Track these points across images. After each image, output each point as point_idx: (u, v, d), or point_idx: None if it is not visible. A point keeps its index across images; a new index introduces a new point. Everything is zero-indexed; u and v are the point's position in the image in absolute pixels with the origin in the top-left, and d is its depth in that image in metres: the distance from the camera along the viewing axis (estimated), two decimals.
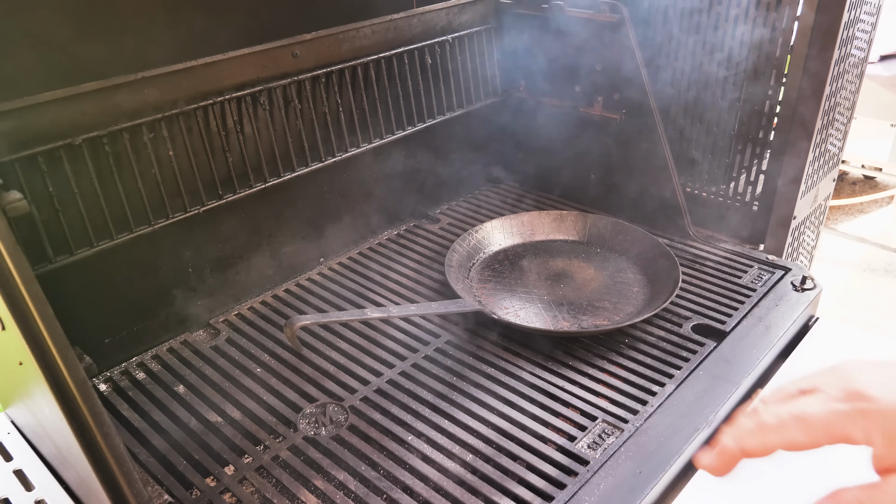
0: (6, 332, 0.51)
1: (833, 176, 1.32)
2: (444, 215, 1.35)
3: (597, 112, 1.25)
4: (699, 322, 1.00)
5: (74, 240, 0.85)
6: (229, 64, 0.95)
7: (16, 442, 0.85)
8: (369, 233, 1.27)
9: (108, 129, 0.85)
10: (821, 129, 1.14)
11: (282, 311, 1.07)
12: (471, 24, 1.28)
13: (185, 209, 0.96)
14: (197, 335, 1.03)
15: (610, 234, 1.19)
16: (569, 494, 0.74)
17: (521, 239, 1.22)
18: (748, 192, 1.22)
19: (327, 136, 1.11)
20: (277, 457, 0.81)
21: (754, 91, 1.15)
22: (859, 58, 1.20)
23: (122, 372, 0.95)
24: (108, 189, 0.87)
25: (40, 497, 0.77)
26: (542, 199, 1.39)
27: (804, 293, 1.05)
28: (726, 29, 1.15)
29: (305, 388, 0.91)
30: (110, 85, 0.84)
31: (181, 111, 0.92)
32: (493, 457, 0.79)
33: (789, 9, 1.07)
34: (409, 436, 0.82)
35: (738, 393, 0.88)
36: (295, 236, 1.15)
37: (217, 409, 0.88)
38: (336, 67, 1.08)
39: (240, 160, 1.01)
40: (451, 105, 1.29)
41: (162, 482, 0.78)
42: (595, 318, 1.01)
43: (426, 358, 0.95)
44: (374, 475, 0.77)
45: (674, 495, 0.76)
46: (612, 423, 0.83)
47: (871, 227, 2.70)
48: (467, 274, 1.13)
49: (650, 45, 1.25)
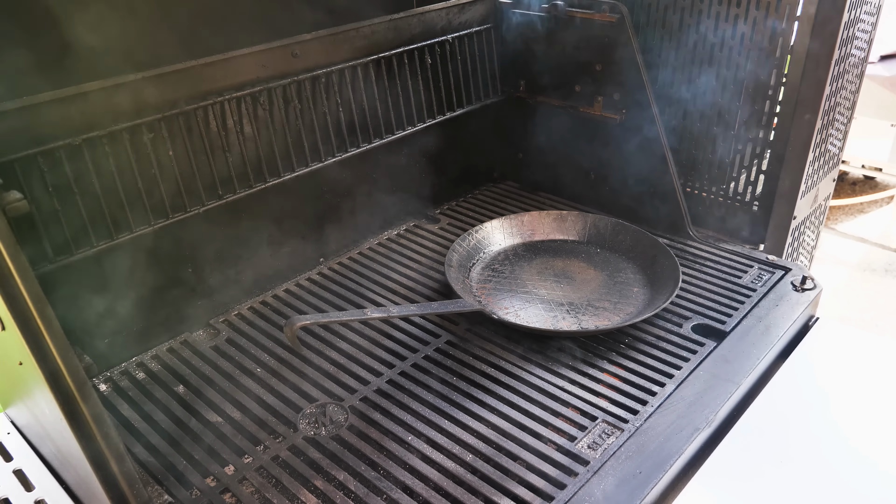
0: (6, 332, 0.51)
1: (833, 176, 1.32)
2: (444, 215, 1.35)
3: (597, 112, 1.25)
4: (699, 322, 1.00)
5: (74, 240, 0.85)
6: (229, 64, 0.95)
7: (16, 442, 0.85)
8: (369, 233, 1.27)
9: (108, 129, 0.85)
10: (821, 129, 1.14)
11: (282, 311, 1.07)
12: (471, 24, 1.28)
13: (185, 209, 0.96)
14: (197, 335, 1.03)
15: (610, 234, 1.19)
16: (569, 494, 0.74)
17: (521, 239, 1.22)
18: (748, 192, 1.22)
19: (327, 136, 1.11)
20: (277, 457, 0.81)
21: (754, 91, 1.15)
22: (859, 58, 1.20)
23: (122, 372, 0.95)
24: (108, 189, 0.87)
25: (40, 497, 0.77)
26: (542, 199, 1.39)
27: (804, 293, 1.05)
28: (726, 29, 1.15)
29: (305, 388, 0.91)
30: (110, 85, 0.84)
31: (181, 111, 0.92)
32: (493, 457, 0.79)
33: (789, 9, 1.07)
34: (409, 436, 0.82)
35: (738, 393, 0.88)
36: (295, 236, 1.15)
37: (217, 409, 0.88)
38: (336, 67, 1.08)
39: (240, 160, 1.01)
40: (451, 105, 1.29)
41: (162, 482, 0.78)
42: (595, 318, 1.01)
43: (426, 358, 0.95)
44: (374, 475, 0.77)
45: (674, 495, 0.76)
46: (612, 423, 0.83)
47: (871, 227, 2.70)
48: (467, 274, 1.13)
49: (650, 45, 1.25)
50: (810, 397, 0.89)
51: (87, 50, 0.88)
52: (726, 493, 0.76)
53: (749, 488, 0.76)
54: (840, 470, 0.79)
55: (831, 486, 0.77)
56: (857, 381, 0.91)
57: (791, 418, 0.86)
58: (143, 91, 0.87)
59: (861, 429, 0.84)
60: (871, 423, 0.85)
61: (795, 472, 0.79)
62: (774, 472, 0.79)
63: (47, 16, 0.84)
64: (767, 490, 0.76)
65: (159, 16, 0.97)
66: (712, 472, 0.78)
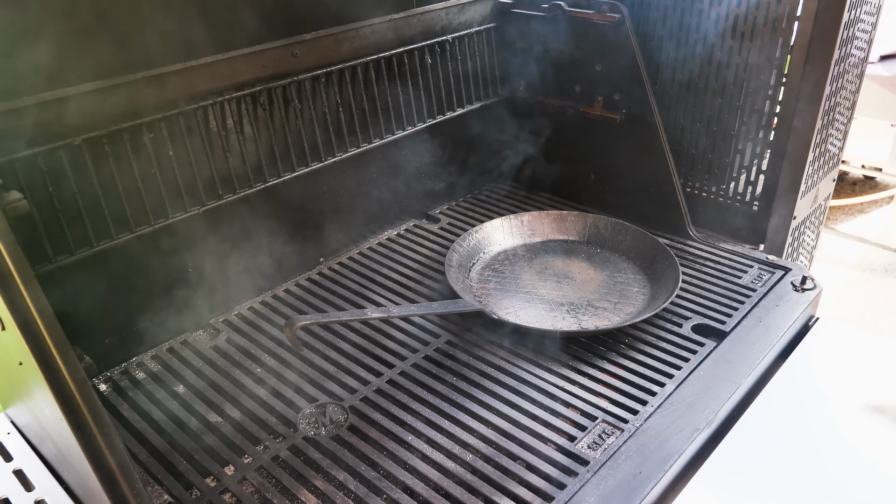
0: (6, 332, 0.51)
1: (833, 176, 1.32)
2: (444, 215, 1.35)
3: (597, 112, 1.25)
4: (699, 322, 1.00)
5: (74, 240, 0.85)
6: (229, 64, 0.95)
7: (16, 442, 0.85)
8: (369, 233, 1.27)
9: (108, 129, 0.85)
10: (821, 129, 1.14)
11: (282, 311, 1.07)
12: (471, 24, 1.28)
13: (185, 209, 0.96)
14: (197, 335, 1.03)
15: (610, 234, 1.19)
16: (569, 494, 0.74)
17: (521, 239, 1.22)
18: (748, 192, 1.22)
19: (327, 136, 1.11)
20: (277, 457, 0.81)
21: (754, 91, 1.15)
22: (859, 58, 1.20)
23: (122, 372, 0.95)
24: (108, 189, 0.87)
25: (40, 497, 0.77)
26: (542, 199, 1.39)
27: (804, 293, 1.05)
28: (726, 29, 1.15)
29: (305, 388, 0.91)
30: (110, 85, 0.84)
31: (181, 111, 0.92)
32: (493, 457, 0.79)
33: (789, 9, 1.07)
34: (409, 436, 0.82)
35: (738, 393, 0.88)
36: (295, 236, 1.15)
37: (217, 409, 0.88)
38: (336, 67, 1.08)
39: (240, 160, 1.01)
40: (451, 105, 1.29)
41: (162, 482, 0.78)
42: (595, 318, 1.01)
43: (426, 358, 0.95)
44: (374, 475, 0.77)
45: (674, 495, 0.76)
46: (612, 423, 0.83)
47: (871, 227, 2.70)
48: (467, 274, 1.13)
49: (650, 45, 1.25)
50: (810, 397, 0.89)
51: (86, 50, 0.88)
52: (726, 492, 0.76)
53: (749, 488, 0.76)
54: (840, 470, 0.79)
55: (831, 486, 0.77)
56: (856, 381, 0.91)
57: (791, 418, 0.86)
58: (143, 91, 0.87)
59: (861, 429, 0.84)
60: (870, 424, 0.85)
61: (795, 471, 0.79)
62: (774, 472, 0.79)
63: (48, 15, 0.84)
64: (767, 490, 0.76)
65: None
66: (712, 472, 0.78)
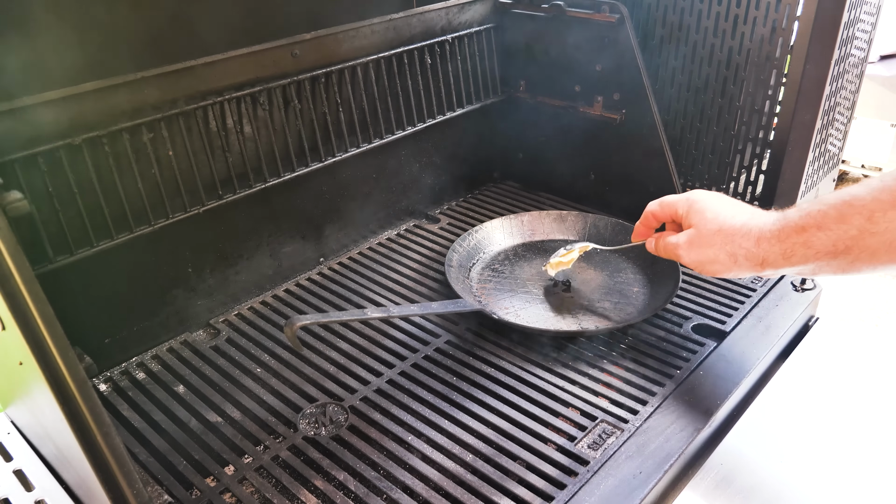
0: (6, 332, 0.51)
1: (833, 176, 1.32)
2: (444, 215, 1.35)
3: (597, 112, 1.25)
4: (699, 322, 1.00)
5: (74, 240, 0.85)
6: (229, 64, 0.95)
7: (16, 442, 0.85)
8: (369, 233, 1.27)
9: (108, 129, 0.85)
10: (821, 129, 1.14)
11: (282, 311, 1.07)
12: (471, 24, 1.28)
13: (185, 209, 0.96)
14: (197, 335, 1.03)
15: (610, 234, 1.19)
16: (569, 494, 0.74)
17: (521, 239, 1.22)
18: (748, 192, 1.22)
19: (327, 136, 1.11)
20: (277, 457, 0.81)
21: (754, 91, 1.15)
22: (859, 58, 1.20)
23: (122, 372, 0.95)
24: (108, 189, 0.87)
25: (40, 497, 0.77)
26: (542, 199, 1.39)
27: (804, 293, 1.05)
28: (726, 29, 1.15)
29: (305, 388, 0.91)
30: (110, 85, 0.84)
31: (181, 111, 0.92)
32: (493, 457, 0.79)
33: (789, 9, 1.07)
34: (409, 436, 0.82)
35: (738, 393, 0.88)
36: (295, 236, 1.15)
37: (217, 409, 0.88)
38: (336, 67, 1.08)
39: (240, 160, 1.01)
40: (451, 105, 1.29)
41: (162, 482, 0.78)
42: (595, 318, 1.01)
43: (426, 358, 0.95)
44: (374, 475, 0.77)
45: (674, 495, 0.76)
46: (612, 423, 0.83)
47: None
48: (467, 274, 1.13)
49: (650, 45, 1.25)
50: (810, 397, 0.89)
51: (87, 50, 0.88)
52: (726, 492, 0.76)
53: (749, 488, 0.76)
54: (840, 470, 0.79)
55: (832, 486, 0.77)
56: (857, 380, 0.91)
57: (791, 418, 0.86)
58: (143, 91, 0.87)
59: (861, 429, 0.84)
60: (871, 424, 0.85)
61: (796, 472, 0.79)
62: (775, 472, 0.79)
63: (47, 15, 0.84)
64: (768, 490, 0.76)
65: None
66: (712, 472, 0.78)
